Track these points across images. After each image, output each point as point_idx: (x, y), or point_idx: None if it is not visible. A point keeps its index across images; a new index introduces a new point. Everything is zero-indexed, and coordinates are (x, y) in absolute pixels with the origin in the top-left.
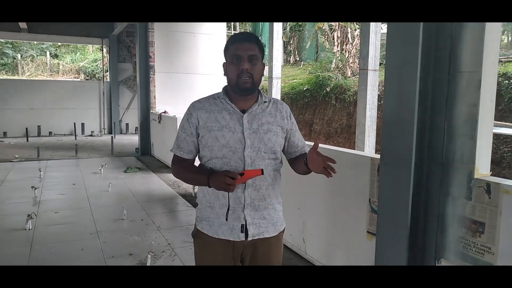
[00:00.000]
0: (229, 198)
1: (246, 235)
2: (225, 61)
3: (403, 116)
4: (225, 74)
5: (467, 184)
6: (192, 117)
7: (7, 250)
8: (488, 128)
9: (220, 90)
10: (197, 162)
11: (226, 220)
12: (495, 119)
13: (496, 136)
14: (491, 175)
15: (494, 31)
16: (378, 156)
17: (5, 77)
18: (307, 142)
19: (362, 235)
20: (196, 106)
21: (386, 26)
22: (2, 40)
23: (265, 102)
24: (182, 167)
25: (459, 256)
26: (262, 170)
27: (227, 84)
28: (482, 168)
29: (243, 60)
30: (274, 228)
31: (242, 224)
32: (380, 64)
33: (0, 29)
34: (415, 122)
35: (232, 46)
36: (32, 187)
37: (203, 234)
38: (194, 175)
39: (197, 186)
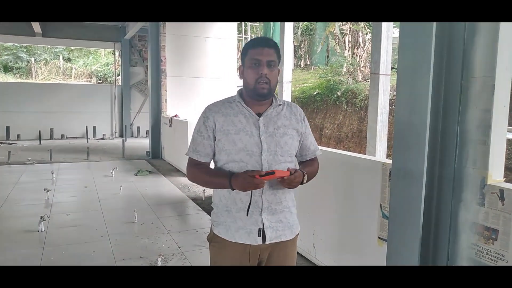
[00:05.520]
0: (251, 199)
1: (264, 239)
2: (241, 65)
3: (415, 121)
4: (241, 78)
5: (480, 190)
6: (209, 120)
7: (20, 251)
8: (501, 133)
9: (230, 94)
10: (211, 166)
11: (247, 215)
12: (509, 124)
13: (510, 142)
14: (505, 181)
15: (508, 36)
16: (389, 161)
17: (19, 80)
18: (319, 147)
19: (372, 241)
20: (212, 110)
21: (397, 30)
22: (17, 44)
23: (279, 105)
24: (199, 171)
25: (472, 263)
26: (290, 171)
27: (242, 87)
28: (496, 174)
29: (262, 65)
30: (291, 231)
31: (259, 228)
32: (392, 68)
33: (15, 33)
34: (427, 127)
35: (252, 50)
36: (44, 189)
37: (220, 238)
38: (214, 178)
39: (207, 190)
